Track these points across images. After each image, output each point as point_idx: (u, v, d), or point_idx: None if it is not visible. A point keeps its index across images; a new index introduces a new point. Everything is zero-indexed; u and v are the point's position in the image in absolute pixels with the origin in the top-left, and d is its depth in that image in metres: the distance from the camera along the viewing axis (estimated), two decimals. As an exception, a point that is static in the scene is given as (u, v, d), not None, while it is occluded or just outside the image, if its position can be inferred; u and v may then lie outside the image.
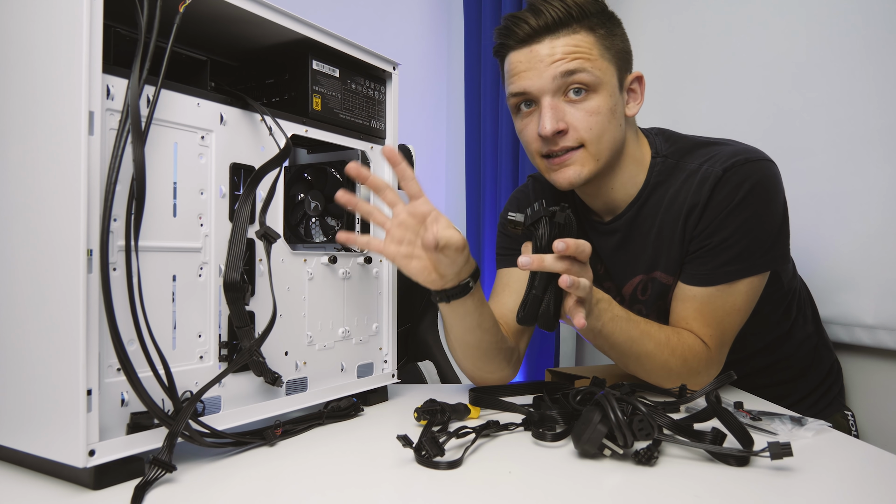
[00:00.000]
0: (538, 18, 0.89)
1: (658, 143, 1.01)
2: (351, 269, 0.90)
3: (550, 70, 0.89)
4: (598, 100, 0.91)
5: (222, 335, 0.72)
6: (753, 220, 0.91)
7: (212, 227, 0.71)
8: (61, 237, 0.58)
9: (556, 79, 0.89)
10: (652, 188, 0.99)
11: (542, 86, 0.90)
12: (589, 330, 0.86)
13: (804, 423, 0.79)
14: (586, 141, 0.92)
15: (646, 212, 0.99)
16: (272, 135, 0.78)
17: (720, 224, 0.92)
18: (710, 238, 0.93)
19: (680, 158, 0.98)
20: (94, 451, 0.57)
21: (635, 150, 0.99)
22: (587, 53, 0.89)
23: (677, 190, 0.96)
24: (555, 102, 0.91)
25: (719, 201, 0.92)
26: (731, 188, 0.91)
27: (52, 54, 0.59)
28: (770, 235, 0.93)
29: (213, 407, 0.71)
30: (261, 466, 0.67)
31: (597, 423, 0.67)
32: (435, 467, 0.66)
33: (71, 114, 0.57)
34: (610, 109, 0.92)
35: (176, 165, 0.67)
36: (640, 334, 0.89)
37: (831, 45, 1.31)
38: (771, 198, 0.93)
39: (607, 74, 0.91)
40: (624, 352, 0.91)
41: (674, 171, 0.98)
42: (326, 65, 0.86)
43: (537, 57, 0.90)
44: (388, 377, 0.96)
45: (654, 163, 0.99)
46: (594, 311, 0.84)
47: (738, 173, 0.91)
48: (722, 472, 0.65)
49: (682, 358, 0.91)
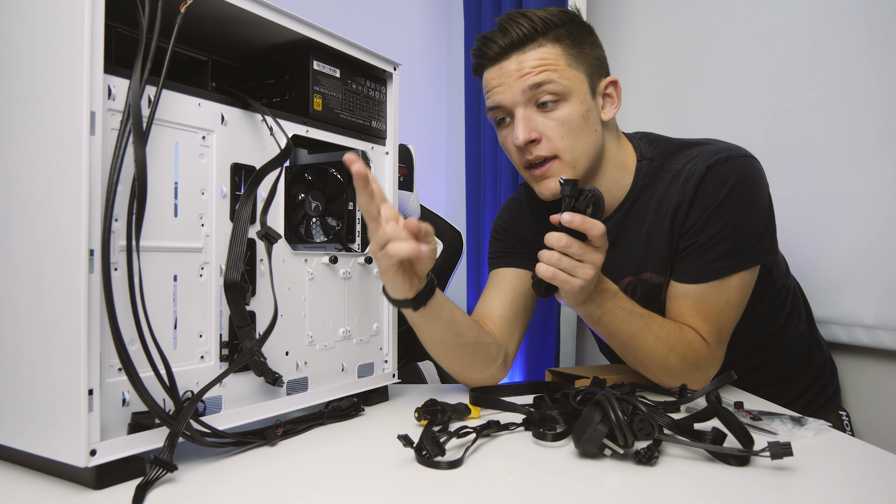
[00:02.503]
0: (505, 37, 0.94)
1: (642, 146, 1.03)
2: (351, 269, 0.90)
3: (519, 84, 0.93)
4: (569, 108, 0.94)
5: (223, 335, 0.72)
6: (739, 216, 0.94)
7: (213, 228, 0.71)
8: (62, 237, 0.58)
9: (525, 92, 0.93)
10: (639, 191, 1.01)
11: (512, 99, 0.95)
12: (587, 316, 0.90)
13: (804, 423, 0.79)
14: (559, 150, 0.95)
15: (634, 214, 1.02)
16: (273, 135, 0.78)
17: (707, 221, 0.94)
18: (699, 235, 0.95)
19: (664, 160, 1.01)
20: (95, 451, 0.57)
21: (617, 154, 1.02)
22: (553, 65, 0.93)
23: (664, 191, 0.98)
24: (527, 113, 0.94)
25: (704, 198, 0.94)
26: (715, 185, 0.94)
27: (54, 55, 0.59)
28: (757, 230, 0.95)
29: (214, 407, 0.71)
30: (262, 466, 0.67)
31: (597, 422, 0.67)
32: (435, 467, 0.66)
33: (72, 114, 0.57)
34: (581, 116, 0.95)
35: (177, 165, 0.67)
36: (642, 328, 0.90)
37: (832, 46, 1.31)
38: (755, 193, 0.95)
39: (576, 83, 0.94)
40: (622, 342, 0.92)
41: (659, 172, 1.00)
42: (327, 65, 0.86)
43: (507, 72, 0.95)
44: (388, 377, 0.96)
45: (639, 166, 1.02)
46: (595, 298, 0.86)
47: (721, 170, 0.94)
48: (722, 471, 0.65)
49: (681, 355, 0.92)
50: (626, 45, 1.73)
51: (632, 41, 1.74)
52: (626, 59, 1.70)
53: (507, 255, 1.12)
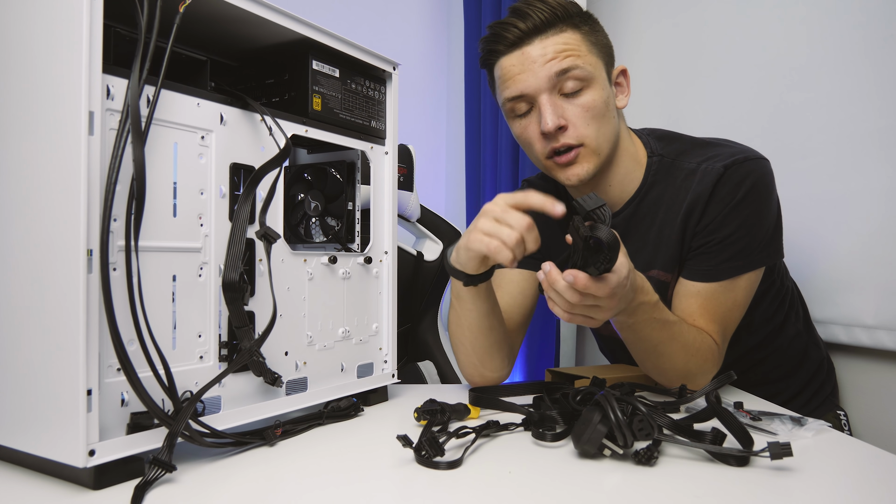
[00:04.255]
0: (526, 21, 0.92)
1: (651, 142, 1.03)
2: (351, 269, 0.90)
3: (545, 70, 0.91)
4: (593, 94, 0.93)
5: (222, 335, 0.72)
6: (754, 217, 0.94)
7: (212, 227, 0.71)
8: (61, 237, 0.58)
9: (551, 78, 0.91)
10: (650, 186, 1.01)
11: (538, 85, 0.92)
12: (617, 322, 0.89)
13: (804, 423, 0.79)
14: (585, 138, 0.93)
15: (643, 210, 1.01)
16: (272, 135, 0.78)
17: (723, 221, 0.94)
18: (714, 234, 0.94)
19: (676, 157, 1.00)
20: (94, 451, 0.57)
21: (629, 145, 1.01)
22: (576, 50, 0.92)
23: (676, 189, 0.98)
24: (552, 99, 0.92)
25: (721, 197, 0.94)
26: (733, 185, 0.93)
27: (52, 54, 0.59)
28: (768, 231, 0.96)
29: (213, 407, 0.71)
30: (261, 466, 0.67)
31: (597, 423, 0.67)
32: (435, 467, 0.66)
33: (71, 114, 0.57)
34: (604, 102, 0.94)
35: (176, 165, 0.67)
36: (669, 337, 0.90)
37: (831, 45, 1.31)
38: (769, 195, 0.96)
39: (597, 69, 0.94)
40: (646, 349, 0.92)
41: (671, 169, 1.00)
42: (326, 65, 0.86)
43: (529, 58, 0.92)
44: (388, 377, 0.96)
45: (650, 161, 1.01)
46: (628, 310, 0.84)
47: (739, 171, 0.94)
48: (722, 472, 0.65)
49: (702, 359, 0.93)
50: (626, 44, 1.73)
51: (632, 40, 1.74)
52: (626, 59, 1.70)
53: None
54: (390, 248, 0.96)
